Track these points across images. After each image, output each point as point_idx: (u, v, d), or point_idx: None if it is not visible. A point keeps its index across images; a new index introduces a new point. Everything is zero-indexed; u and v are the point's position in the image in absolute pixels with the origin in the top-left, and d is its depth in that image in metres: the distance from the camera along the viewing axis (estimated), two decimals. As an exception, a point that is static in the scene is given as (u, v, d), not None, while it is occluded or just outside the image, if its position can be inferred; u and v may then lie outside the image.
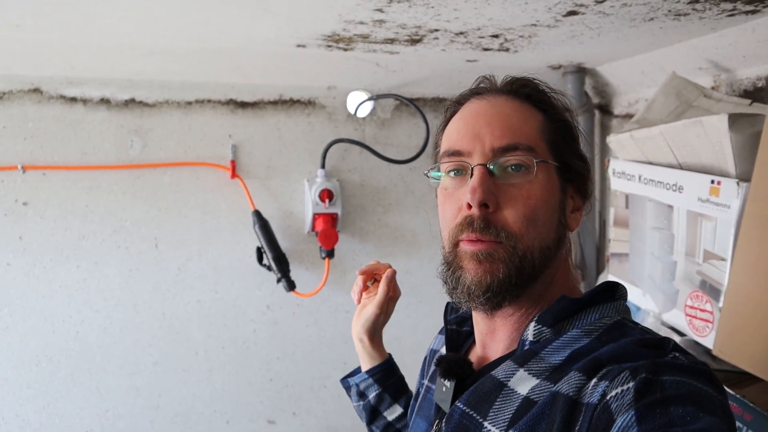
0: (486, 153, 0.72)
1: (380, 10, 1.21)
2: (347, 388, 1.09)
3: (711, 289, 1.15)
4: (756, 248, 1.02)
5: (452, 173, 0.75)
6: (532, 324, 0.70)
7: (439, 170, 0.77)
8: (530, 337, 0.70)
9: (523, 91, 0.76)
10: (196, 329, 1.76)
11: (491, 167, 0.71)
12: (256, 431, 1.82)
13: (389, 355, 1.10)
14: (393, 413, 1.05)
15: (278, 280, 1.76)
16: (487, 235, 0.70)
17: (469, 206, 0.70)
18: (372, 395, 1.05)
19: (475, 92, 0.78)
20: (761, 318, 1.01)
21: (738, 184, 1.07)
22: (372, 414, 1.06)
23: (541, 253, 0.71)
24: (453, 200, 0.74)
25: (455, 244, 0.73)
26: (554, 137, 0.75)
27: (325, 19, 1.29)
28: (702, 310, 1.17)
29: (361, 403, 1.06)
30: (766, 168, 1.02)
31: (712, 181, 1.12)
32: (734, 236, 1.07)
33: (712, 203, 1.12)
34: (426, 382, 0.89)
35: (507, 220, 0.70)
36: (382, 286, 1.03)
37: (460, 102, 0.79)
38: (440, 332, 0.98)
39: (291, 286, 1.76)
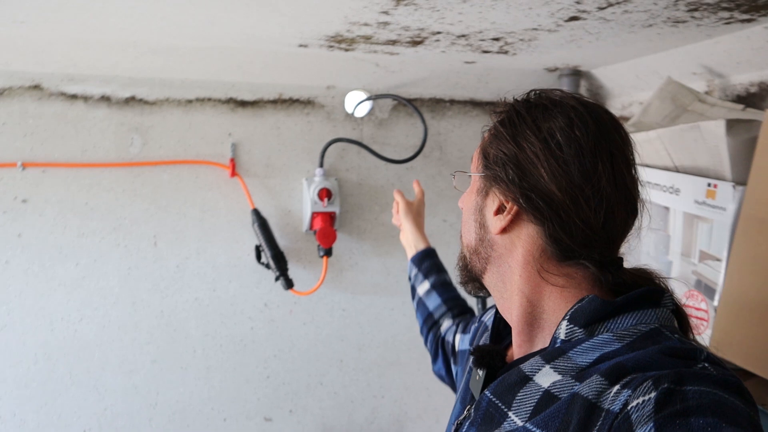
0: None
1: (386, 13, 1.23)
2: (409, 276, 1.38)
3: (706, 289, 1.18)
4: (752, 249, 1.06)
5: None
6: (564, 323, 0.71)
7: None
8: (562, 336, 0.71)
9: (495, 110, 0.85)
10: (194, 327, 1.76)
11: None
12: (253, 429, 1.83)
13: (430, 246, 1.38)
14: (423, 287, 1.30)
15: (276, 278, 1.77)
16: None
17: None
18: (412, 275, 1.34)
19: None
20: (756, 315, 1.04)
21: (734, 187, 1.11)
22: (412, 291, 1.34)
23: (468, 250, 0.85)
24: None
25: None
26: (487, 147, 0.81)
27: (331, 21, 1.30)
28: (697, 309, 1.20)
29: (411, 285, 1.35)
30: (762, 172, 1.06)
31: (709, 184, 1.16)
32: (730, 237, 1.11)
33: (708, 205, 1.16)
34: (470, 363, 0.91)
35: None
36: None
37: None
38: (492, 306, 1.02)
39: (289, 284, 1.77)
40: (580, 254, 0.74)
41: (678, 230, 1.25)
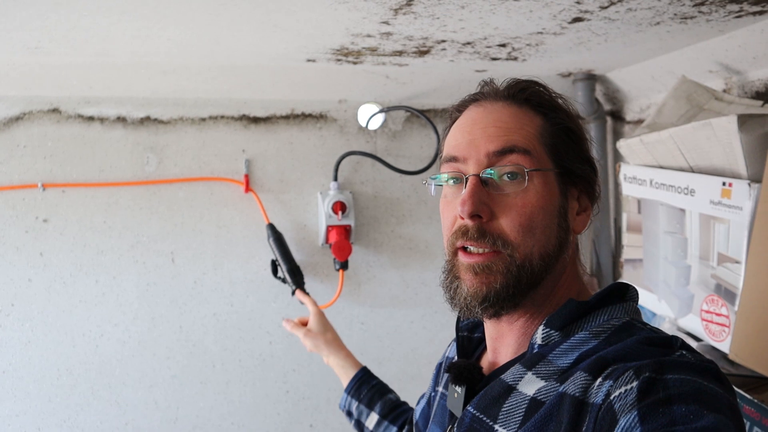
0: (481, 159, 0.73)
1: (386, 23, 1.23)
2: (346, 414, 1.20)
3: (726, 293, 1.13)
4: (769, 250, 1.01)
5: (451, 181, 0.77)
6: (541, 327, 0.71)
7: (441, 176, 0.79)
8: (539, 341, 0.70)
9: (521, 95, 0.76)
10: (213, 342, 1.78)
11: (486, 177, 0.73)
12: (274, 444, 1.82)
13: (362, 367, 1.22)
14: (371, 421, 1.12)
15: (293, 293, 1.77)
16: (483, 243, 0.71)
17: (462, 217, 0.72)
18: (354, 410, 1.15)
19: (474, 98, 0.80)
20: (777, 321, 0.99)
21: (749, 185, 1.06)
22: (359, 428, 1.15)
23: (541, 260, 0.72)
24: (451, 209, 0.76)
25: (454, 253, 0.75)
26: (554, 140, 0.75)
27: (333, 34, 1.31)
28: (718, 314, 1.15)
29: (352, 421, 1.17)
30: (777, 168, 1.01)
31: (724, 183, 1.11)
32: (747, 238, 1.06)
33: (724, 205, 1.11)
34: (440, 389, 0.90)
35: (503, 229, 0.71)
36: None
37: (460, 109, 0.81)
38: (455, 339, 0.99)
39: (306, 298, 1.77)
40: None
41: (695, 233, 1.21)
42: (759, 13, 1.16)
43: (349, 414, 1.16)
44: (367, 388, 1.16)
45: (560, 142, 0.75)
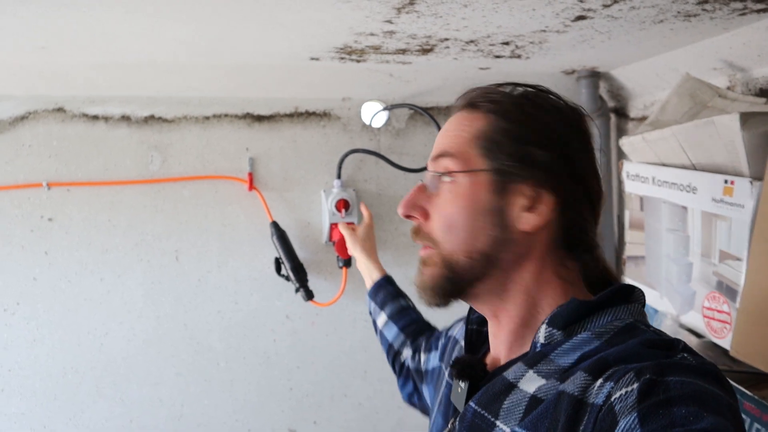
0: (429, 166, 0.80)
1: (389, 22, 1.23)
2: (370, 314, 1.36)
3: (728, 290, 1.13)
4: (772, 247, 1.01)
5: None
6: (543, 326, 0.71)
7: None
8: (541, 340, 0.71)
9: (472, 100, 0.78)
10: (217, 340, 1.79)
11: (426, 182, 0.79)
12: (278, 441, 1.83)
13: (386, 275, 1.38)
14: (381, 320, 1.28)
15: (297, 290, 1.78)
16: (418, 240, 0.79)
17: None
18: (372, 310, 1.33)
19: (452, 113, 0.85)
20: (779, 318, 0.99)
21: (751, 183, 1.06)
22: (374, 324, 1.32)
23: (468, 257, 0.74)
24: None
25: None
26: (497, 137, 0.74)
27: (337, 32, 1.32)
28: (719, 311, 1.15)
29: (372, 320, 1.33)
30: (780, 166, 1.01)
31: (726, 181, 1.11)
32: (749, 236, 1.06)
33: (726, 203, 1.11)
34: (446, 377, 0.90)
35: (431, 229, 0.78)
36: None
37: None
38: (460, 319, 1.01)
39: (309, 295, 1.78)
40: (580, 245, 0.75)
41: (697, 230, 1.21)
42: (763, 10, 1.16)
43: (370, 313, 1.34)
44: (384, 292, 1.32)
45: (503, 137, 0.74)
